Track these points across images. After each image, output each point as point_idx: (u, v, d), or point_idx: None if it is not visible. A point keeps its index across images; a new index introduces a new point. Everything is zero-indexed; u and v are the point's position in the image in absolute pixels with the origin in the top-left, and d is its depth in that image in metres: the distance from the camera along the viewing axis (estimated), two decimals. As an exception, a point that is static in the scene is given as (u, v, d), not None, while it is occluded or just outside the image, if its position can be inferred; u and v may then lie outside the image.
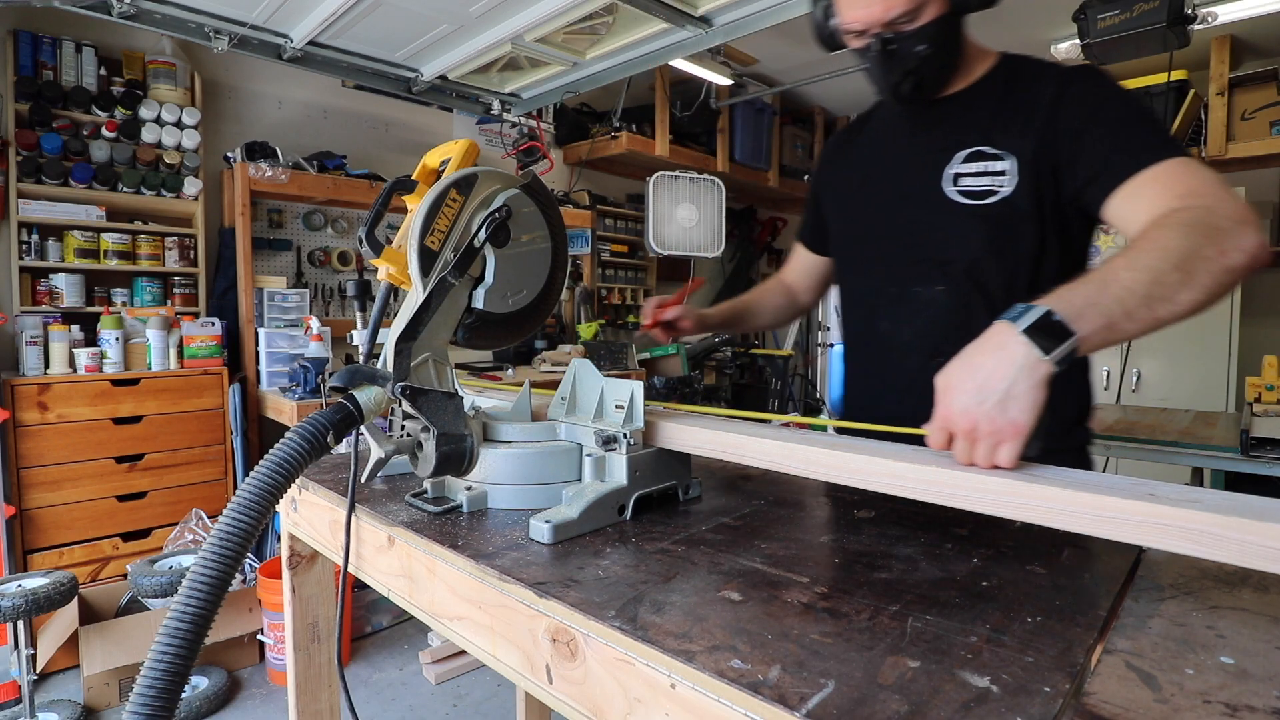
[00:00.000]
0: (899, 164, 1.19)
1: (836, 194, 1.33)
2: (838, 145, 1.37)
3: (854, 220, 1.27)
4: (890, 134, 1.23)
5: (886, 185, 1.19)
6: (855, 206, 1.27)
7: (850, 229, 1.29)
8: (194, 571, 0.64)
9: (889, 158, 1.21)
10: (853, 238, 1.29)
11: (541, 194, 0.93)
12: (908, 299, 1.15)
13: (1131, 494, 0.58)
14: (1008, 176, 1.04)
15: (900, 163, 1.18)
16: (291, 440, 0.72)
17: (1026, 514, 0.62)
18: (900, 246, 1.16)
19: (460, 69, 2.94)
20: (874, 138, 1.28)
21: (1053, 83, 1.04)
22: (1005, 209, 1.04)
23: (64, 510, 2.66)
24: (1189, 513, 0.54)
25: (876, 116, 1.30)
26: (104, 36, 2.97)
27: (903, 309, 1.16)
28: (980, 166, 1.06)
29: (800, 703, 0.47)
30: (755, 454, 0.82)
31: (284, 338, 3.16)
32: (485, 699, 2.42)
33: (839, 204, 1.32)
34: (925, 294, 1.13)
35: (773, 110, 5.50)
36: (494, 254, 0.88)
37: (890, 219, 1.18)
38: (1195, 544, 0.54)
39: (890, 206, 1.18)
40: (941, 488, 0.67)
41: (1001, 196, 1.04)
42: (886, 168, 1.21)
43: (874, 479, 0.72)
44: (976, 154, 1.07)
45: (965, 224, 1.07)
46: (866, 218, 1.23)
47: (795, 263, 1.51)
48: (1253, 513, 0.53)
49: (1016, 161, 1.03)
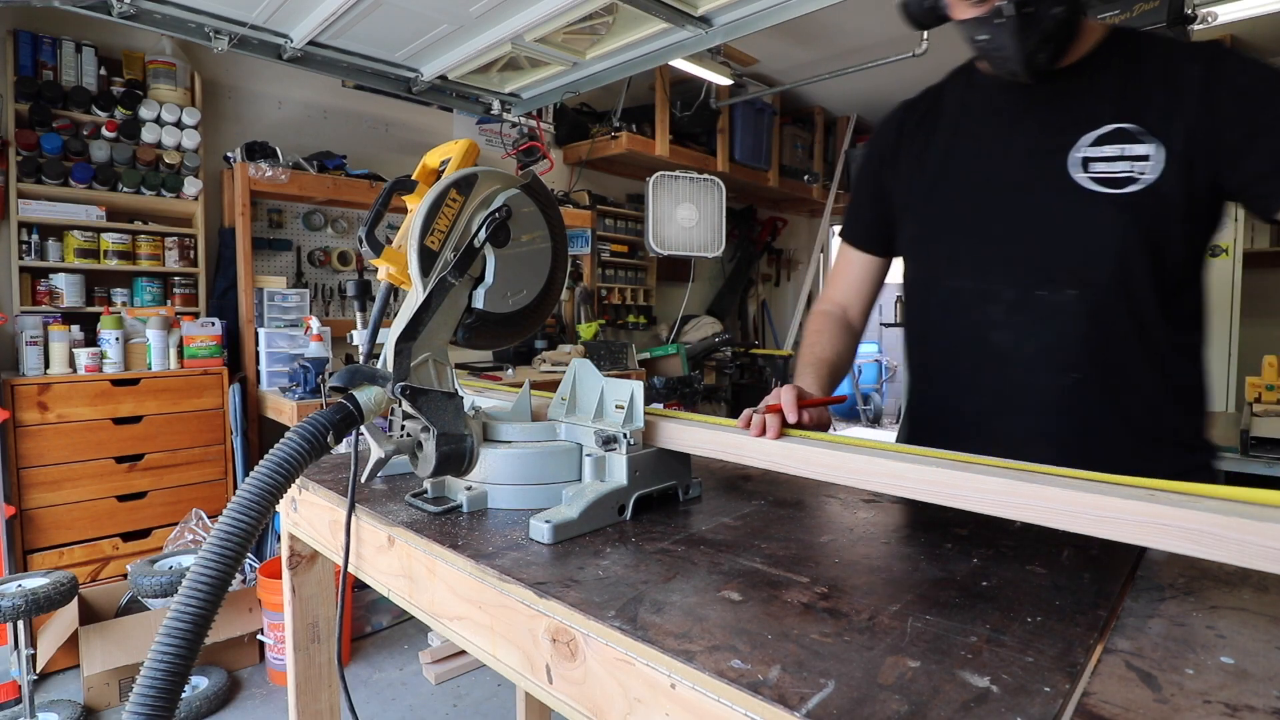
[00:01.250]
0: (1006, 146, 1.03)
1: (912, 184, 1.14)
2: (902, 130, 1.18)
3: (945, 213, 1.10)
4: (986, 112, 1.07)
5: (991, 171, 1.04)
6: (944, 197, 1.09)
7: (938, 223, 1.11)
8: (194, 571, 0.64)
9: (990, 139, 1.05)
10: (943, 232, 1.10)
11: (541, 194, 0.93)
12: (1030, 305, 0.99)
13: (1131, 494, 0.58)
14: (1151, 162, 0.91)
15: (1008, 145, 1.03)
16: (291, 440, 0.72)
17: (1026, 514, 0.62)
18: (1017, 243, 1.01)
19: (460, 69, 2.94)
20: (961, 117, 1.10)
21: (1195, 61, 0.92)
22: (1150, 199, 0.91)
23: (64, 510, 2.66)
24: (1189, 513, 0.54)
25: (953, 93, 1.13)
26: (104, 36, 2.97)
27: (1023, 317, 1.00)
28: (1117, 149, 0.93)
29: (800, 703, 0.47)
30: (755, 454, 0.82)
31: (284, 338, 3.16)
32: (485, 699, 2.42)
33: (918, 195, 1.13)
34: (1053, 299, 0.97)
35: (773, 110, 5.51)
36: (494, 254, 0.88)
37: (1001, 210, 1.02)
38: (1195, 544, 0.54)
39: (1000, 196, 1.03)
40: (941, 488, 0.67)
41: (1146, 184, 0.91)
42: (987, 151, 1.05)
43: (874, 479, 0.72)
44: (1114, 134, 0.93)
45: (1103, 216, 0.94)
46: (963, 209, 1.07)
47: (846, 275, 1.29)
48: (1253, 513, 0.53)
49: (1162, 145, 0.90)
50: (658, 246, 4.90)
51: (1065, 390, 0.90)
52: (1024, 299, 0.99)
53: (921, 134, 1.14)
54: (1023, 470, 0.66)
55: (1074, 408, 0.98)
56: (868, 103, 5.85)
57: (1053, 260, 0.97)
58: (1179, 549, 0.55)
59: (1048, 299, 0.97)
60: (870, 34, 4.21)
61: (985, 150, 1.05)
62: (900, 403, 6.75)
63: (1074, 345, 0.96)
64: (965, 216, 1.06)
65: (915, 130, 1.15)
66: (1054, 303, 0.97)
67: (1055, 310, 0.97)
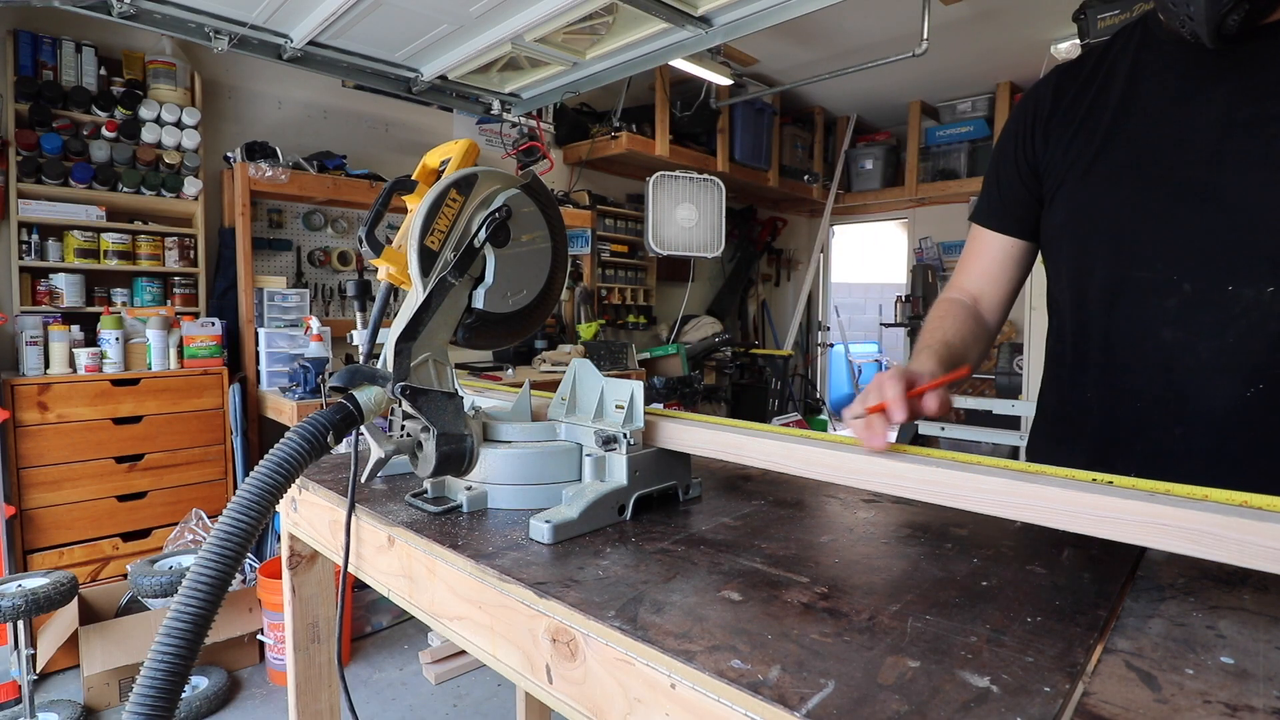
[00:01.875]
0: (1194, 114, 0.88)
1: (1070, 156, 0.99)
2: (1059, 95, 1.02)
3: (1111, 190, 0.95)
4: (1168, 74, 0.92)
5: (1173, 142, 0.89)
6: (1110, 171, 0.95)
7: (1102, 201, 0.96)
8: (194, 572, 0.64)
9: (1171, 106, 0.90)
10: (1108, 212, 0.95)
11: (541, 194, 0.93)
12: (1214, 300, 0.85)
13: (1131, 494, 0.58)
14: None
15: (1197, 113, 0.88)
16: (291, 440, 0.72)
17: (1026, 514, 0.62)
18: (1203, 227, 0.86)
19: (460, 69, 2.94)
20: (1134, 80, 0.95)
21: None
22: None
23: (64, 510, 2.66)
24: (1189, 512, 0.54)
25: (1124, 52, 0.98)
26: (104, 36, 2.97)
27: (1204, 314, 0.86)
28: None
29: (800, 703, 0.47)
30: (755, 454, 0.82)
31: (284, 338, 3.16)
32: (485, 699, 2.42)
33: (1077, 169, 0.98)
34: (1244, 295, 0.83)
35: (773, 110, 5.51)
36: (494, 254, 0.88)
37: (1185, 188, 0.88)
38: (1195, 544, 0.54)
39: (1184, 171, 0.88)
40: (941, 488, 0.67)
41: None
42: (1170, 118, 0.90)
43: (874, 479, 0.72)
44: None
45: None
46: (1135, 186, 0.92)
47: (978, 261, 1.13)
48: (1253, 513, 0.53)
49: None
50: (657, 246, 4.90)
51: (1244, 403, 0.80)
52: (1207, 293, 0.85)
53: (1084, 99, 0.99)
54: (1022, 470, 0.66)
55: (1253, 423, 0.84)
56: (868, 103, 5.85)
57: (1248, 249, 0.83)
58: (1179, 549, 0.55)
59: (1238, 294, 0.83)
60: (870, 34, 4.21)
61: (1167, 117, 0.90)
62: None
63: (1263, 351, 0.82)
64: (1137, 194, 0.91)
65: (1077, 95, 1.00)
66: (1245, 299, 0.83)
67: (1246, 308, 0.83)
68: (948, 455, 0.71)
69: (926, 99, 5.66)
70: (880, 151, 5.99)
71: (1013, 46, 4.41)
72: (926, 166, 5.70)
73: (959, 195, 5.48)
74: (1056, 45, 4.00)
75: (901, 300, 6.00)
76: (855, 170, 6.12)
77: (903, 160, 5.88)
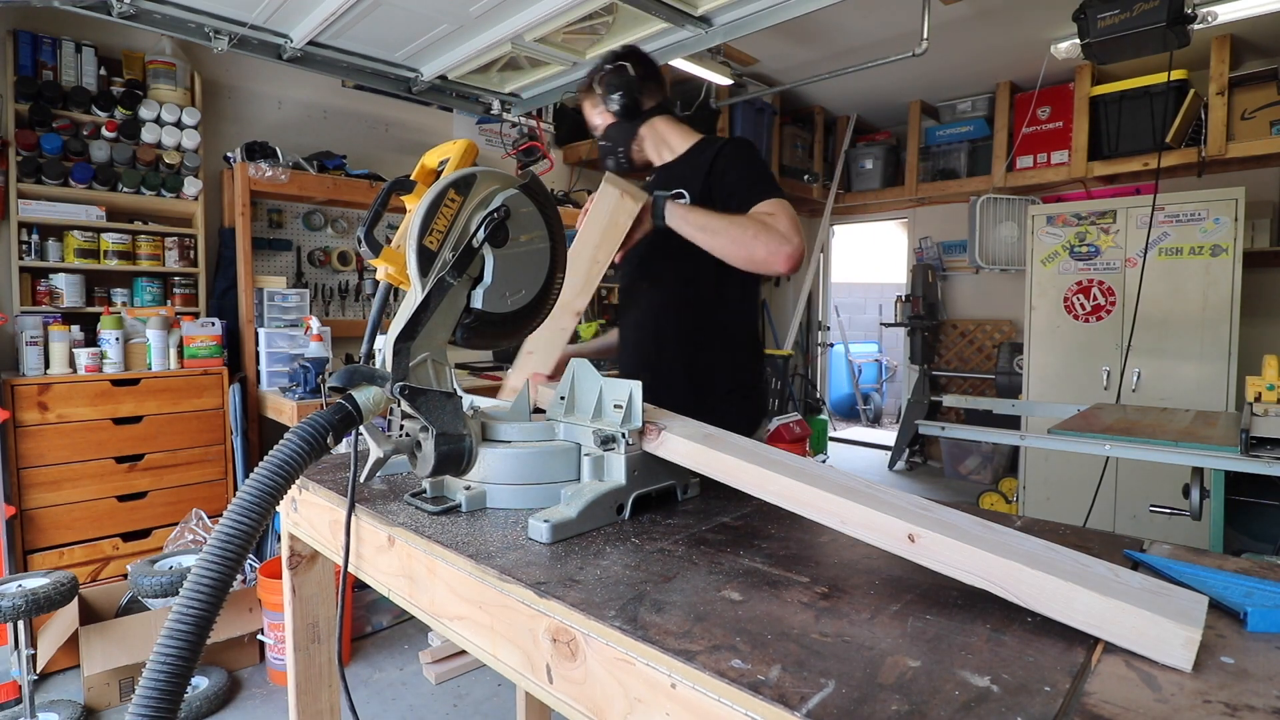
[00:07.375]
0: None
1: None
2: None
3: None
4: None
5: None
6: None
7: None
8: (195, 573, 0.64)
9: None
10: None
11: (540, 194, 0.93)
12: None
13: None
14: None
15: None
16: (291, 441, 0.72)
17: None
18: None
19: (460, 69, 2.94)
20: None
21: None
22: None
23: (64, 510, 2.66)
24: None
25: None
26: (104, 36, 2.97)
27: None
28: None
29: (800, 702, 0.47)
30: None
31: (284, 338, 3.16)
32: (485, 699, 2.42)
33: None
34: None
35: (773, 110, 5.50)
36: (492, 254, 0.88)
37: None
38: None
39: None
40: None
41: None
42: None
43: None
44: None
45: None
46: None
47: None
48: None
49: None
50: (658, 246, 4.89)
51: None
52: None
53: None
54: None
55: None
56: (868, 103, 5.84)
57: None
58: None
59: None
60: (870, 34, 4.21)
61: None
62: (900, 403, 6.75)
63: None
64: None
65: None
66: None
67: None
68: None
69: (926, 99, 5.65)
70: (880, 151, 5.98)
71: (1013, 46, 4.40)
72: (926, 166, 5.70)
73: (959, 195, 5.47)
74: (1056, 45, 4.00)
75: (901, 300, 6.00)
76: (855, 170, 6.12)
77: (903, 160, 5.87)
